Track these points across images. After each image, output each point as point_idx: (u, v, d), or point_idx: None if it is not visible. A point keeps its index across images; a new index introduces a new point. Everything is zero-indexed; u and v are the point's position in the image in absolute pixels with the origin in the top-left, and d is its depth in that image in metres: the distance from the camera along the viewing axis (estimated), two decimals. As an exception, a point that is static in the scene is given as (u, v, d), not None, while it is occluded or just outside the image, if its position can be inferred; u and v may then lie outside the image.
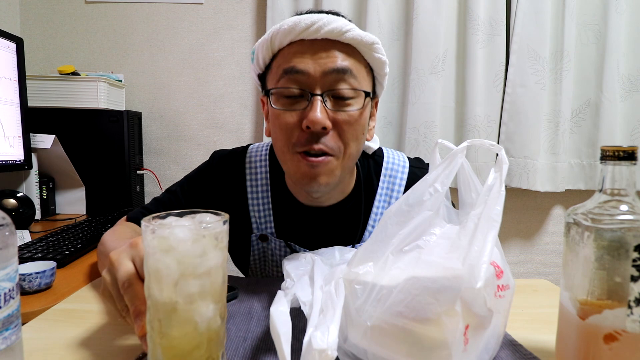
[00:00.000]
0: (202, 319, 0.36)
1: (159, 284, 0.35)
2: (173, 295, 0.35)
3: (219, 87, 1.63)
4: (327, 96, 0.60)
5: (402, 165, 0.76)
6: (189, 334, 0.35)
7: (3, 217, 0.37)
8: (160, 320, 0.35)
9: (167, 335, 0.36)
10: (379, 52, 0.63)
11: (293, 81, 0.60)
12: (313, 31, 0.58)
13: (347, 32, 0.58)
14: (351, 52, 0.61)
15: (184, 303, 0.35)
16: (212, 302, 0.37)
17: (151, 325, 0.36)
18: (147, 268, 0.36)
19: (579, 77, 1.54)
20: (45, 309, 0.60)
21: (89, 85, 1.37)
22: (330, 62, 0.59)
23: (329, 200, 0.72)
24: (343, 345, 0.43)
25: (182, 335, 0.35)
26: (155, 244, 0.35)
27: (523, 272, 1.71)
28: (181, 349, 0.35)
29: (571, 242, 0.41)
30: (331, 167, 0.61)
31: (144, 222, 0.36)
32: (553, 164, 1.55)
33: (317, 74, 0.59)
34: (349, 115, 0.60)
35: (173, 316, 0.35)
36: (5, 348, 0.37)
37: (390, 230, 0.44)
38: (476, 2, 1.47)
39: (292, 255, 0.60)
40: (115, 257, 0.43)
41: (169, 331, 0.35)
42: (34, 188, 1.28)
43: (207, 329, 0.36)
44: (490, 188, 0.42)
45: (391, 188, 0.75)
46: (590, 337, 0.39)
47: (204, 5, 1.60)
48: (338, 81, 0.59)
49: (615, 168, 0.39)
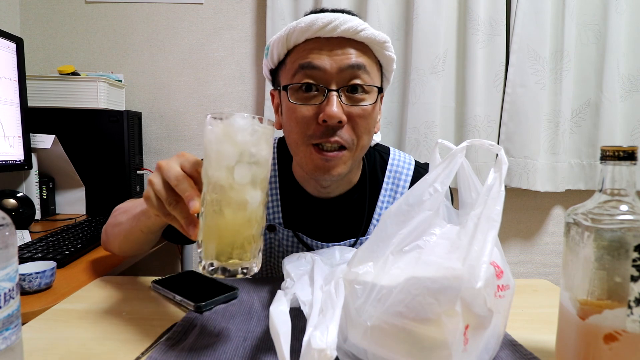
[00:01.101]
0: (252, 201, 0.43)
1: (219, 166, 0.42)
2: (230, 177, 0.42)
3: (219, 87, 1.63)
4: (342, 91, 0.62)
5: (407, 163, 0.79)
6: (240, 212, 0.42)
7: (3, 217, 0.37)
8: (216, 201, 0.42)
9: (221, 213, 0.42)
10: (389, 50, 0.66)
11: (309, 76, 0.62)
12: (330, 30, 0.60)
13: (361, 31, 0.61)
14: (364, 49, 0.64)
15: (239, 184, 0.42)
16: (260, 190, 0.44)
17: (206, 206, 0.43)
18: (208, 153, 0.43)
19: (579, 77, 1.54)
20: (45, 309, 0.60)
21: (89, 85, 1.37)
22: (346, 59, 0.62)
23: (336, 191, 0.75)
24: (343, 345, 0.43)
25: (234, 213, 0.42)
26: (220, 131, 0.43)
27: (523, 272, 1.71)
28: (232, 224, 0.42)
29: (571, 242, 0.41)
30: (344, 159, 0.65)
31: (210, 115, 0.43)
32: (553, 164, 1.55)
33: (333, 70, 0.61)
34: (362, 110, 0.63)
35: (229, 195, 0.42)
36: (5, 348, 0.37)
37: (390, 230, 0.44)
38: (476, 2, 1.47)
39: (292, 256, 0.61)
40: (164, 163, 0.49)
41: (224, 209, 0.42)
42: (34, 188, 1.28)
43: (254, 211, 0.43)
44: (490, 188, 0.42)
45: (397, 184, 0.77)
46: (590, 337, 0.39)
47: (204, 5, 1.60)
48: (353, 77, 0.62)
49: (615, 168, 0.39)
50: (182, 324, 0.55)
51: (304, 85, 0.63)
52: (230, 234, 0.43)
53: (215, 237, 0.43)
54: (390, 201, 0.77)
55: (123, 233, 0.70)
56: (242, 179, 0.42)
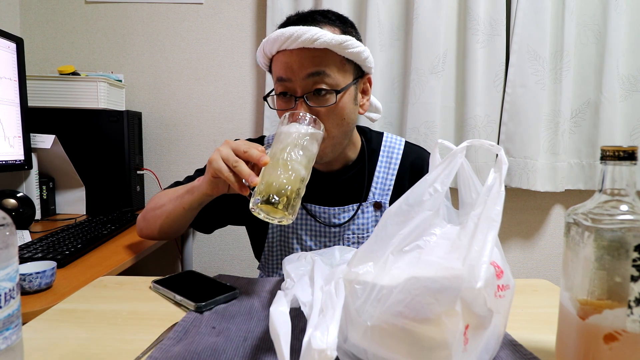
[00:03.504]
0: (298, 171, 0.60)
1: (281, 147, 0.62)
2: (286, 154, 0.61)
3: (219, 87, 1.63)
4: (308, 96, 0.74)
5: (399, 141, 0.94)
6: (290, 176, 0.59)
7: (3, 217, 0.37)
8: (274, 167, 0.60)
9: (276, 176, 0.59)
10: (350, 48, 0.73)
11: (283, 87, 0.76)
12: (291, 42, 0.71)
13: (316, 40, 0.70)
14: (325, 54, 0.73)
15: (293, 159, 0.61)
16: (304, 168, 0.62)
17: (268, 166, 0.61)
18: (278, 137, 0.65)
19: (578, 77, 1.54)
20: (45, 309, 0.60)
21: (89, 85, 1.37)
22: (307, 69, 0.73)
23: (336, 166, 0.89)
24: (343, 345, 0.43)
25: (288, 174, 0.59)
26: (286, 127, 0.65)
27: (523, 272, 1.71)
28: (284, 179, 0.59)
29: (571, 242, 0.41)
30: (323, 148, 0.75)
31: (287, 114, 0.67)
32: (553, 164, 1.55)
33: (297, 79, 0.73)
34: (326, 109, 0.74)
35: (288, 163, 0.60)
36: (6, 348, 0.37)
37: (390, 230, 0.44)
38: (476, 2, 1.47)
39: (292, 256, 0.61)
40: (230, 141, 0.66)
41: (278, 172, 0.59)
42: (34, 188, 1.28)
43: (301, 179, 0.61)
44: (490, 188, 0.42)
45: (390, 156, 0.91)
46: (590, 337, 0.39)
47: (204, 5, 1.61)
48: (315, 83, 0.73)
49: (615, 168, 0.39)
50: (182, 324, 0.55)
51: (280, 93, 0.77)
52: (283, 184, 0.58)
53: (271, 182, 0.59)
54: (386, 172, 0.90)
55: (166, 213, 0.82)
56: (294, 156, 0.61)
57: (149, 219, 0.87)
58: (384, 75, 1.55)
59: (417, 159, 0.91)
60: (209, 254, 1.70)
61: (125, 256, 0.92)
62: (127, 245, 1.00)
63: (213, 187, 0.71)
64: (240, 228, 0.99)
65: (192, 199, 0.76)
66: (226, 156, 0.63)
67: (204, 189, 0.72)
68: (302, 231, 0.88)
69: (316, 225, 0.87)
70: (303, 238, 0.88)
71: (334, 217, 0.87)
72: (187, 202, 0.77)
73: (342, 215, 0.87)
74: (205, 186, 0.71)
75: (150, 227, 0.87)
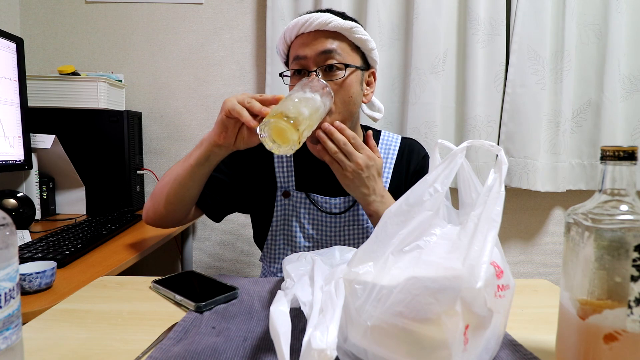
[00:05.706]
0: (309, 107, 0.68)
1: (296, 93, 0.70)
2: (300, 94, 0.70)
3: (219, 87, 1.63)
4: (320, 70, 0.82)
5: (396, 137, 1.01)
6: (301, 105, 0.68)
7: (3, 217, 0.37)
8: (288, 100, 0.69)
9: (289, 103, 0.67)
10: (358, 34, 0.83)
11: (298, 64, 0.84)
12: (307, 26, 0.82)
13: (329, 23, 0.81)
14: (336, 36, 0.83)
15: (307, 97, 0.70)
16: (314, 111, 0.69)
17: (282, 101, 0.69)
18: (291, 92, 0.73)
19: (579, 77, 1.54)
20: (45, 309, 0.60)
21: (89, 85, 1.37)
22: (320, 47, 0.82)
23: None
24: (343, 345, 0.43)
25: (300, 105, 0.67)
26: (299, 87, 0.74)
27: (523, 272, 1.71)
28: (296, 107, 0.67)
29: (571, 242, 0.41)
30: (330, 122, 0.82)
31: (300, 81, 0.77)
32: (553, 164, 1.55)
33: (311, 56, 0.82)
34: (335, 84, 0.82)
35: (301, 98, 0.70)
36: (6, 348, 0.37)
37: (390, 230, 0.44)
38: (476, 2, 1.47)
39: (292, 256, 0.61)
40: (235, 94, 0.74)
41: (290, 102, 0.68)
42: (34, 188, 1.28)
43: (309, 115, 0.67)
44: (490, 188, 0.42)
45: (387, 151, 0.98)
46: (590, 337, 0.39)
47: (204, 5, 1.61)
48: (327, 59, 0.82)
49: (616, 168, 0.39)
50: (182, 324, 0.55)
51: (295, 71, 0.85)
52: (295, 109, 0.65)
53: (284, 107, 0.65)
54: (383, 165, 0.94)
55: (174, 176, 0.84)
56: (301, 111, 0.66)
57: (155, 195, 0.88)
58: (384, 75, 1.55)
59: (409, 145, 1.00)
60: (209, 254, 1.70)
61: (125, 256, 0.92)
62: (127, 245, 1.00)
63: (222, 130, 0.75)
64: (241, 228, 1.00)
65: (200, 152, 0.79)
66: (241, 98, 0.71)
67: (212, 136, 0.76)
68: (304, 219, 0.93)
69: (318, 214, 0.92)
70: (305, 226, 0.93)
71: (334, 207, 0.92)
72: (195, 157, 0.79)
73: (342, 205, 0.92)
74: (215, 130, 0.76)
75: (157, 202, 0.87)
